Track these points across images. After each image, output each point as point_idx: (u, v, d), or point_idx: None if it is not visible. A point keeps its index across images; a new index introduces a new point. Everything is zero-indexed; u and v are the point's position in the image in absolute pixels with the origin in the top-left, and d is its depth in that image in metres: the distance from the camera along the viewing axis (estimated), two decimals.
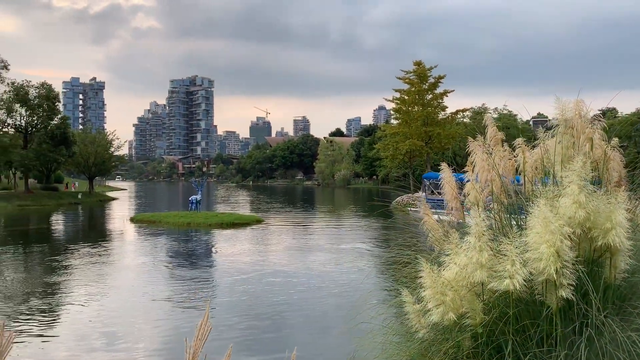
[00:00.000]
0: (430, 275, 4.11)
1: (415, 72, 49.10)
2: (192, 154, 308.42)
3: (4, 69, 52.15)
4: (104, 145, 70.05)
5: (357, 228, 32.96)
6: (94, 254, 22.04)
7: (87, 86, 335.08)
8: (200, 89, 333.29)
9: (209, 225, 31.76)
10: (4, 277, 17.27)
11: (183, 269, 18.38)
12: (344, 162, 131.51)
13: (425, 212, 5.84)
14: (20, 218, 41.01)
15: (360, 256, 20.58)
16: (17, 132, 55.75)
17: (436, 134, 48.31)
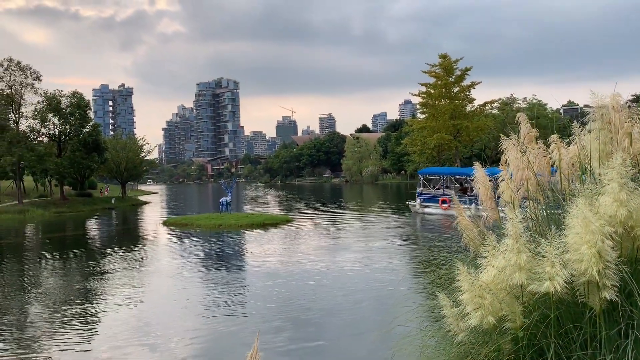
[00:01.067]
0: (467, 279, 4.06)
1: (441, 65, 48.48)
2: (221, 156, 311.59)
3: (37, 80, 53.57)
4: (134, 151, 71.36)
5: (386, 225, 32.77)
6: (128, 258, 22.49)
7: (116, 92, 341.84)
8: (226, 91, 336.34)
9: (239, 226, 32.07)
10: (44, 284, 17.78)
11: (216, 273, 18.59)
12: (371, 158, 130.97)
13: (459, 211, 5.76)
14: (57, 225, 42.12)
15: (392, 255, 20.45)
16: (51, 141, 57.24)
17: (464, 127, 47.63)
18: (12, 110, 52.73)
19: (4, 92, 51.85)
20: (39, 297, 15.61)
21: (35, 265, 22.58)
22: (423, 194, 37.92)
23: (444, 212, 34.63)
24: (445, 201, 35.30)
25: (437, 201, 36.31)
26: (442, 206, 35.42)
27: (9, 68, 51.91)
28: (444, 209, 34.75)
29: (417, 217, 35.91)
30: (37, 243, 31.36)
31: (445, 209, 34.72)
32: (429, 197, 37.35)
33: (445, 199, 35.46)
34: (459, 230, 5.85)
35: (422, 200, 37.59)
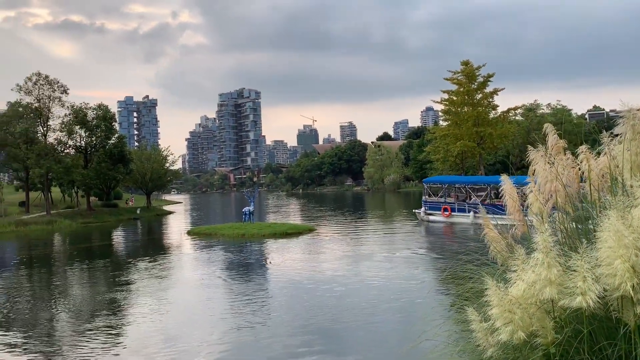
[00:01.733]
0: (497, 293, 4.01)
1: (463, 72, 48.12)
2: (243, 165, 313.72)
3: (64, 93, 54.82)
4: (159, 161, 72.37)
5: (409, 234, 32.54)
6: (153, 268, 22.75)
7: (141, 104, 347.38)
8: (247, 101, 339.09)
9: (262, 235, 32.19)
10: (71, 294, 18.09)
11: (240, 283, 18.66)
12: (393, 166, 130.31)
13: (487, 224, 5.70)
14: (83, 235, 42.86)
15: (416, 266, 20.25)
16: (77, 153, 58.39)
17: (488, 134, 47.09)
18: (41, 123, 53.99)
19: (32, 106, 53.14)
20: (66, 308, 15.87)
21: (62, 275, 23.00)
22: (427, 202, 39.19)
23: (446, 220, 36.35)
24: (446, 209, 36.85)
25: (440, 209, 37.55)
26: (443, 214, 36.85)
27: (37, 82, 53.24)
28: (446, 217, 36.43)
29: (422, 225, 36.75)
30: (64, 254, 31.94)
31: (447, 216, 36.44)
32: (433, 205, 38.57)
33: (447, 207, 36.89)
34: (486, 241, 5.79)
35: (427, 208, 38.82)
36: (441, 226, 35.29)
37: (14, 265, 26.52)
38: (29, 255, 31.01)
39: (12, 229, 43.53)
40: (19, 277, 23.02)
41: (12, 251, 33.99)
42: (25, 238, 39.96)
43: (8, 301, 17.20)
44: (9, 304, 16.76)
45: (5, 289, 19.85)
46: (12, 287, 20.05)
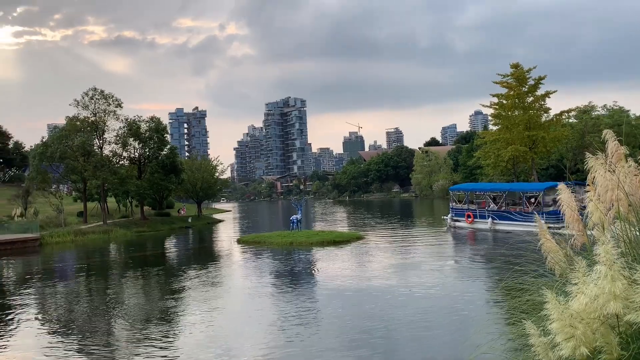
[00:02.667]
0: (557, 307, 3.87)
1: (512, 75, 46.88)
2: (289, 173, 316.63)
3: (119, 107, 56.91)
4: (209, 171, 74.04)
5: (459, 242, 31.92)
6: (205, 276, 23.20)
7: (191, 115, 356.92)
8: (293, 110, 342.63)
9: (310, 243, 32.30)
10: (127, 302, 18.67)
11: (289, 292, 18.74)
12: (441, 172, 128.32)
13: (543, 234, 5.51)
14: (138, 244, 44.25)
15: (466, 276, 19.78)
16: (132, 164, 60.45)
17: (540, 137, 45.63)
18: (97, 136, 56.23)
19: (89, 120, 55.45)
20: (121, 315, 16.39)
21: (118, 283, 23.80)
22: (454, 208, 41.02)
23: (469, 226, 37.96)
24: (469, 215, 38.50)
25: (464, 215, 39.19)
26: (467, 220, 38.59)
27: (93, 97, 55.52)
28: (469, 223, 38.16)
29: (449, 230, 38.44)
30: (120, 262, 33.06)
31: (470, 222, 38.08)
32: (458, 211, 40.29)
33: (470, 213, 38.59)
34: (543, 252, 5.60)
35: (453, 215, 40.57)
36: (466, 232, 36.68)
37: (73, 274, 27.65)
38: (86, 264, 32.26)
39: (72, 238, 45.42)
40: (78, 285, 23.97)
41: (71, 260, 35.48)
42: (83, 247, 41.63)
43: (67, 308, 17.94)
44: (68, 311, 17.48)
45: (65, 295, 20.72)
46: (71, 295, 20.91)
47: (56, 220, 51.63)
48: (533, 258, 5.74)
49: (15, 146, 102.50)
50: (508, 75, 47.77)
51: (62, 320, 15.92)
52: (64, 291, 21.91)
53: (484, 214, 37.64)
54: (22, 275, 28.41)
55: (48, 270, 29.68)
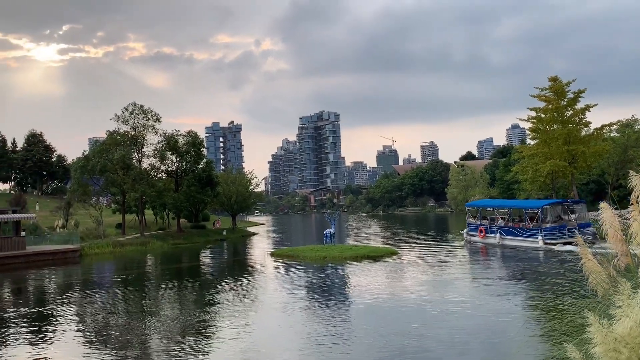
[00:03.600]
0: (600, 330, 3.75)
1: (551, 88, 45.83)
2: (323, 187, 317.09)
3: (157, 121, 58.33)
4: (244, 184, 74.81)
5: (494, 259, 31.26)
6: (239, 290, 23.36)
7: (226, 129, 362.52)
8: (327, 123, 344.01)
9: (344, 258, 32.16)
10: (161, 314, 18.93)
11: (322, 307, 18.66)
12: (477, 186, 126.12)
13: (584, 254, 5.35)
14: (174, 256, 44.95)
15: (506, 295, 19.28)
16: (169, 177, 61.68)
17: (580, 152, 44.36)
18: (136, 150, 57.67)
19: (129, 134, 56.96)
20: (156, 327, 16.62)
21: (154, 294, 24.19)
22: (470, 224, 42.98)
23: (482, 240, 39.79)
24: (481, 230, 40.43)
25: (477, 230, 41.16)
26: (479, 235, 40.45)
27: (133, 112, 57.07)
28: (481, 237, 40.04)
29: (466, 245, 40.26)
30: (156, 274, 33.62)
31: (482, 237, 39.95)
32: (473, 226, 42.42)
33: (482, 228, 40.45)
34: (584, 272, 5.44)
35: (469, 230, 42.72)
36: (479, 246, 38.61)
37: (111, 285, 28.26)
38: (124, 275, 32.95)
39: (110, 249, 46.50)
40: (115, 295, 24.48)
41: (109, 271, 36.29)
42: (121, 258, 42.55)
43: (105, 319, 18.32)
44: (105, 321, 17.85)
45: (103, 306, 21.19)
46: (108, 305, 21.36)
47: (96, 231, 52.98)
48: (574, 278, 5.58)
49: (58, 159, 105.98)
50: (546, 88, 46.78)
51: (99, 331, 16.26)
52: (102, 302, 22.41)
53: (494, 229, 39.39)
54: (62, 285, 29.21)
55: (87, 280, 30.43)
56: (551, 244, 33.38)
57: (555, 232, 34.44)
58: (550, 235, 34.15)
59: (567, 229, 34.19)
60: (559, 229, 34.49)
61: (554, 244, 33.14)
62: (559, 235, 34.12)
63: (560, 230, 34.37)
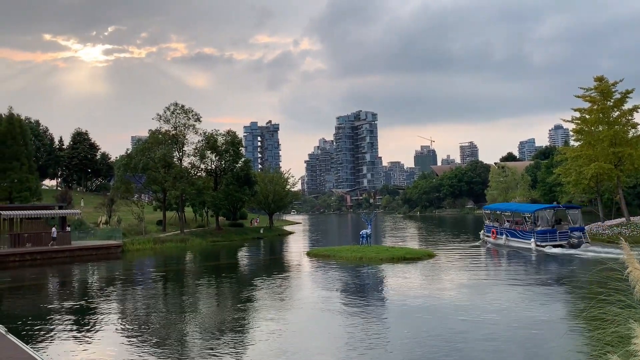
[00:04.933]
0: None
1: (596, 88, 44.32)
2: (359, 186, 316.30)
3: (197, 121, 59.43)
4: (281, 184, 75.39)
5: (533, 263, 30.51)
6: (275, 288, 23.56)
7: (264, 129, 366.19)
8: (364, 123, 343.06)
9: (380, 259, 31.99)
10: (198, 311, 19.28)
11: (358, 309, 18.60)
12: (518, 188, 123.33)
13: (631, 262, 5.17)
14: (212, 253, 45.71)
15: (545, 301, 18.77)
16: (208, 176, 62.73)
17: (627, 155, 42.73)
18: (177, 149, 58.89)
19: (170, 133, 58.20)
20: (193, 323, 16.94)
21: (192, 291, 24.66)
22: (487, 225, 45.82)
23: (494, 241, 42.05)
24: (493, 232, 43.04)
25: (490, 232, 43.73)
26: (492, 236, 42.86)
27: (174, 111, 58.29)
28: (493, 239, 42.44)
29: (483, 245, 42.88)
30: (195, 271, 34.27)
31: (494, 238, 42.36)
32: (488, 228, 45.05)
33: (494, 230, 43.06)
34: (630, 281, 5.26)
35: (485, 231, 45.38)
36: (491, 246, 41.02)
37: (151, 281, 28.98)
38: (164, 271, 33.72)
39: (151, 246, 47.67)
40: (155, 291, 25.09)
41: (150, 267, 37.19)
42: (161, 254, 43.55)
43: (144, 314, 18.81)
44: (145, 316, 18.32)
45: (143, 301, 21.75)
46: (148, 300, 21.91)
47: (137, 228, 54.38)
48: (619, 287, 5.40)
49: (102, 157, 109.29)
50: (591, 88, 45.31)
51: (139, 325, 16.69)
52: (142, 297, 23.00)
53: (502, 231, 42.04)
54: (104, 280, 30.13)
55: (128, 276, 31.30)
56: (541, 246, 35.94)
57: (546, 235, 36.83)
58: (541, 237, 36.65)
59: (557, 232, 36.82)
60: (549, 233, 36.95)
61: (543, 246, 35.79)
62: (549, 238, 36.60)
63: (551, 234, 36.85)
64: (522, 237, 38.90)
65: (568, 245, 35.23)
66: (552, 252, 34.34)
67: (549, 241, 36.32)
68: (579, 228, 37.22)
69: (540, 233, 36.95)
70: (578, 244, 34.81)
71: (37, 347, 13.73)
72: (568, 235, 36.26)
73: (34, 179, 57.99)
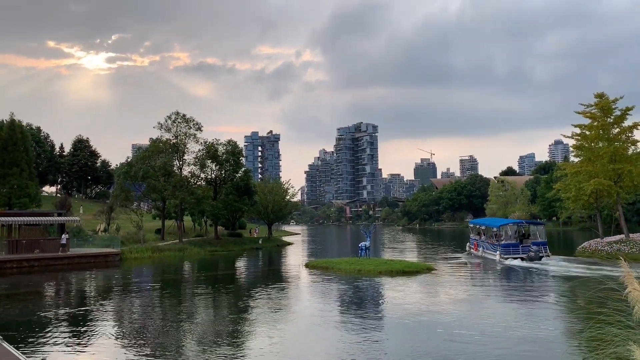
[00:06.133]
0: None
1: (597, 105, 44.48)
2: (359, 198, 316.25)
3: (198, 130, 59.58)
4: (280, 194, 75.35)
5: (535, 279, 30.41)
6: (273, 300, 23.44)
7: (265, 139, 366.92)
8: (364, 135, 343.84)
9: (378, 272, 31.88)
10: (195, 322, 19.18)
11: (355, 323, 18.48)
12: (518, 203, 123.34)
13: (630, 281, 5.16)
14: (210, 263, 45.56)
15: (544, 320, 18.64)
16: (208, 185, 62.74)
17: (627, 171, 42.78)
18: (177, 158, 58.95)
19: (171, 142, 58.29)
20: (190, 334, 16.83)
21: (190, 301, 24.53)
22: (471, 238, 48.81)
23: (476, 253, 45.12)
24: (475, 244, 46.41)
25: (473, 244, 47.29)
26: (474, 248, 46.24)
27: (175, 120, 58.45)
28: (475, 251, 45.71)
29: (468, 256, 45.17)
30: (192, 280, 34.14)
31: (475, 250, 45.72)
32: (472, 241, 48.33)
33: (475, 243, 46.56)
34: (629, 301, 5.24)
35: (470, 243, 48.86)
36: (473, 258, 43.38)
37: (149, 290, 28.86)
38: (161, 280, 33.59)
39: (149, 254, 47.55)
40: (152, 300, 24.98)
41: (147, 276, 37.06)
42: (159, 263, 43.39)
43: (141, 323, 18.71)
44: (141, 325, 18.21)
45: (139, 310, 21.64)
46: (145, 309, 21.81)
47: (136, 236, 54.28)
48: (618, 307, 5.39)
49: (102, 164, 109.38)
50: (592, 105, 45.45)
51: (135, 334, 16.59)
52: (139, 306, 22.89)
53: (480, 244, 45.36)
54: (102, 288, 30.02)
55: (126, 284, 31.16)
56: (504, 258, 38.95)
57: (509, 248, 39.90)
58: (505, 250, 39.74)
59: (520, 246, 39.79)
60: (512, 246, 40.00)
61: (506, 258, 38.83)
62: (512, 251, 39.53)
63: (514, 247, 39.89)
64: (492, 249, 41.95)
65: (527, 258, 38.06)
66: (512, 264, 37.17)
67: (512, 254, 39.23)
68: (541, 242, 39.99)
69: (504, 246, 40.09)
70: (535, 257, 37.64)
71: (33, 356, 13.65)
72: (528, 249, 39.01)
73: (34, 186, 58.02)
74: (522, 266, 35.84)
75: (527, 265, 36.15)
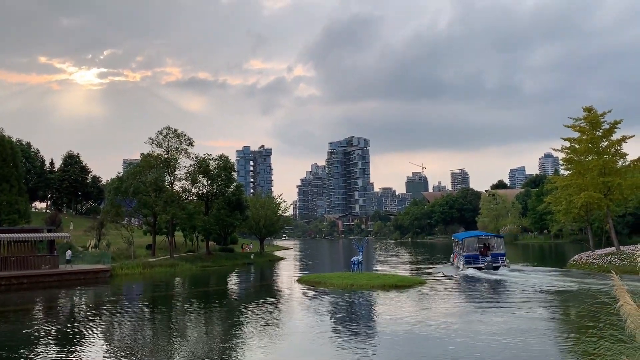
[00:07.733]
0: None
1: (585, 119, 44.97)
2: (351, 212, 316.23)
3: (190, 145, 59.45)
4: (272, 208, 75.17)
5: (528, 292, 30.43)
6: (265, 316, 23.26)
7: (257, 153, 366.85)
8: (356, 149, 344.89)
9: (371, 286, 31.78)
10: (187, 338, 18.97)
11: (348, 338, 18.36)
12: (509, 216, 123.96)
13: (622, 295, 5.18)
14: (202, 278, 45.20)
15: (537, 335, 18.67)
16: (199, 200, 62.49)
17: (616, 184, 43.14)
18: (168, 173, 58.73)
19: (162, 157, 58.09)
20: (181, 351, 16.63)
21: (180, 318, 24.28)
22: (454, 250, 51.24)
23: (454, 264, 47.81)
24: (455, 256, 48.91)
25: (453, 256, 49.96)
26: (454, 260, 48.86)
27: (167, 135, 58.33)
28: (455, 262, 48.35)
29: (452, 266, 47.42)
30: (184, 296, 33.82)
31: (455, 261, 48.43)
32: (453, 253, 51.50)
33: (455, 255, 49.31)
34: (621, 315, 5.26)
35: (452, 255, 51.69)
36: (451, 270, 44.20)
37: (139, 306, 28.54)
38: (152, 297, 33.25)
39: (140, 270, 47.11)
40: (142, 316, 24.69)
41: (138, 292, 36.68)
42: (150, 279, 42.98)
43: (131, 340, 18.47)
44: (131, 343, 17.98)
45: (130, 327, 21.37)
46: (135, 326, 21.54)
47: (126, 252, 53.83)
48: (610, 321, 5.39)
49: (93, 180, 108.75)
50: (581, 119, 45.92)
51: (125, 351, 16.37)
52: (129, 323, 22.61)
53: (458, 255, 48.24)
54: (92, 304, 29.64)
55: (116, 301, 30.82)
56: (465, 268, 42.25)
57: (470, 258, 43.52)
58: (467, 261, 43.49)
59: (480, 257, 43.29)
60: (472, 257, 43.63)
61: (467, 268, 42.12)
62: (472, 261, 43.09)
63: (474, 258, 43.42)
64: (459, 260, 45.93)
65: (484, 267, 41.73)
66: (470, 273, 40.21)
67: (472, 264, 42.88)
68: (499, 254, 43.78)
69: (466, 257, 43.93)
70: (489, 267, 41.49)
71: None
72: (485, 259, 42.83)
73: (24, 202, 57.50)
74: (478, 275, 38.75)
75: (484, 275, 38.61)
